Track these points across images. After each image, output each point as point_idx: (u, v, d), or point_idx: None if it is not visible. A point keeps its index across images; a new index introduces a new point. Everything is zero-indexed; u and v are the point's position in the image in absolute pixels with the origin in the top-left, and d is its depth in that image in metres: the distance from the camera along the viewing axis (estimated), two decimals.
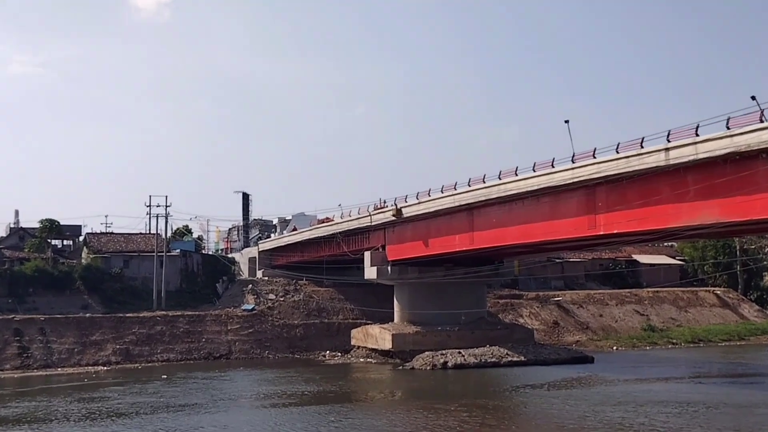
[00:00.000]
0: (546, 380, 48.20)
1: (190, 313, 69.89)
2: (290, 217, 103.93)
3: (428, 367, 55.18)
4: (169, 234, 79.29)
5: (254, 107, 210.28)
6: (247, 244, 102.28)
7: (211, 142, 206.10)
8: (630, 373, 51.44)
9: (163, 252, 74.55)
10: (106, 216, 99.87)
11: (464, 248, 52.37)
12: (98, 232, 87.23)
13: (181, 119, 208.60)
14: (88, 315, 66.66)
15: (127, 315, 67.57)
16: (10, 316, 64.09)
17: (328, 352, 67.41)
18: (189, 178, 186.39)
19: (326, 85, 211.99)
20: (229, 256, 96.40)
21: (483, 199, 48.18)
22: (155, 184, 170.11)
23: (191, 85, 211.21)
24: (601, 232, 40.07)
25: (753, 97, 31.02)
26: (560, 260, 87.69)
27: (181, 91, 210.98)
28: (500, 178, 46.94)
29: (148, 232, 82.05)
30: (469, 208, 50.67)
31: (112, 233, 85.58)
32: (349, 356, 64.90)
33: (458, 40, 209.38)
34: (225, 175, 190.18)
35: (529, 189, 43.93)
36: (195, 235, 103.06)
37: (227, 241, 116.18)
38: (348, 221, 66.08)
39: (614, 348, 69.05)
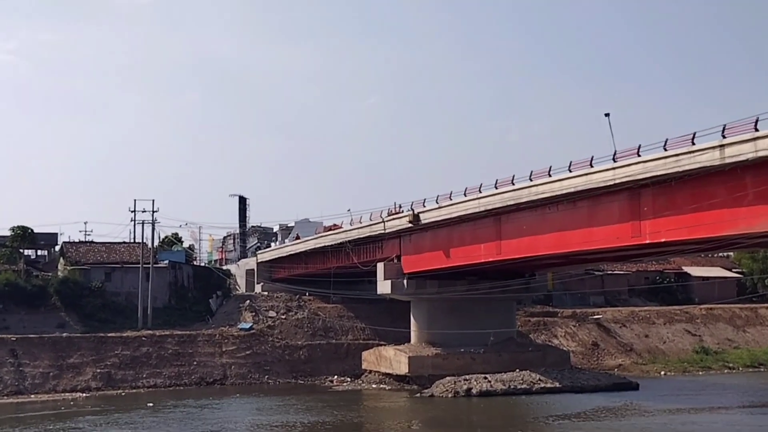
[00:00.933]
0: (583, 409, 47.98)
1: (180, 332, 70.06)
2: (293, 224, 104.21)
3: (450, 395, 55.04)
4: (156, 243, 79.57)
5: (251, 100, 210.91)
6: (244, 255, 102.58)
7: (203, 139, 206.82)
8: (678, 402, 51.09)
9: (149, 263, 74.84)
10: (85, 223, 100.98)
11: (490, 259, 52.31)
12: (76, 240, 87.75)
13: (168, 113, 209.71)
14: (65, 335, 66.95)
15: (109, 335, 67.80)
16: None
17: (335, 377, 67.39)
18: (179, 180, 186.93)
19: (333, 74, 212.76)
20: (224, 268, 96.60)
21: (512, 203, 48.13)
22: (140, 186, 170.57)
23: (179, 76, 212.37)
24: (647, 241, 39.87)
25: None
26: (600, 273, 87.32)
27: (168, 82, 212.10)
28: (531, 180, 46.90)
29: (132, 240, 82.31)
30: (497, 214, 50.63)
31: (92, 242, 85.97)
32: (360, 382, 64.87)
33: (485, 22, 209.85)
34: (219, 177, 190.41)
35: (565, 192, 43.80)
36: (185, 245, 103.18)
37: (222, 251, 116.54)
38: (358, 228, 66.12)
39: (662, 373, 68.64)
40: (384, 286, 62.61)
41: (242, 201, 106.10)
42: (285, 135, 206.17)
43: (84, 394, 60.13)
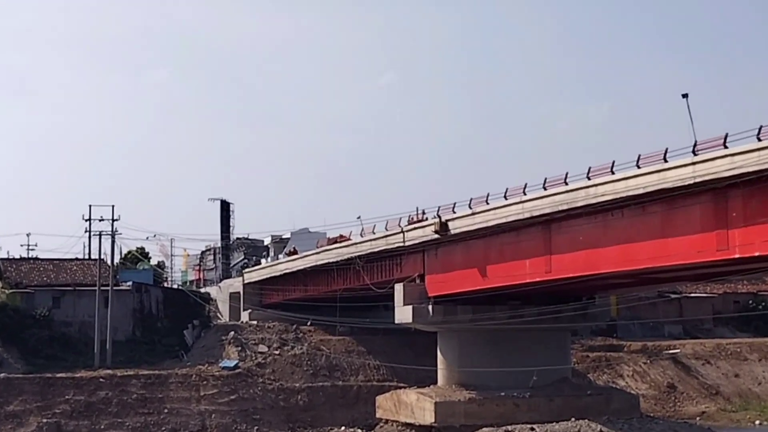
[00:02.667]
0: None
1: (146, 372, 70.19)
2: (288, 236, 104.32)
3: None
4: (117, 260, 79.97)
5: (233, 80, 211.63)
6: (227, 274, 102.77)
7: (174, 128, 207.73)
8: None
9: (108, 285, 75.07)
10: (28, 234, 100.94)
11: (538, 279, 52.19)
12: (17, 257, 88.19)
13: (129, 95, 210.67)
14: (2, 375, 67.20)
15: (58, 375, 67.92)
16: None
17: (343, 427, 67.41)
18: (145, 181, 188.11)
19: (337, 46, 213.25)
20: (203, 290, 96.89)
21: (565, 207, 48.04)
22: (97, 189, 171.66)
23: (141, 48, 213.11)
24: (736, 255, 39.60)
25: None
26: (677, 296, 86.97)
27: (129, 57, 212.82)
28: (589, 178, 46.80)
29: (87, 257, 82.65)
30: (546, 222, 50.53)
31: (36, 259, 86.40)
32: None
33: None
34: (195, 177, 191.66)
35: (632, 193, 43.63)
36: (154, 262, 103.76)
37: (199, 270, 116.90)
38: (371, 240, 66.17)
39: (756, 423, 68.26)
40: (404, 313, 62.51)
41: (224, 207, 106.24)
42: (277, 124, 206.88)
43: None
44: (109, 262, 77.62)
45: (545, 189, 49.89)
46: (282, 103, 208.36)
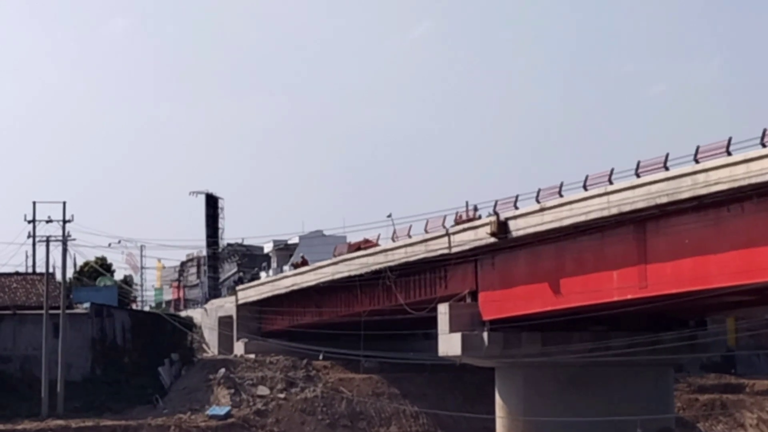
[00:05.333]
0: None
1: (110, 422, 70.47)
2: (296, 240, 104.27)
3: None
4: (70, 274, 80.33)
5: (221, 35, 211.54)
6: (215, 293, 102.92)
7: (143, 101, 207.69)
8: None
9: (59, 308, 75.30)
10: None
11: (630, 296, 52.15)
12: None
13: (80, 56, 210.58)
14: None
15: None
16: None
17: None
18: (105, 170, 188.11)
19: None
20: (183, 314, 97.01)
21: (665, 201, 47.79)
22: (43, 180, 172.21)
23: None
24: None
25: None
26: None
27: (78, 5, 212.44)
28: (697, 161, 46.53)
29: (31, 270, 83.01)
30: (639, 220, 50.46)
31: None
32: None
33: None
34: (172, 164, 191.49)
35: (756, 180, 43.34)
36: (118, 276, 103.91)
37: (178, 287, 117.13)
38: (406, 246, 66.14)
39: None
40: (450, 344, 62.36)
41: (211, 203, 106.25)
42: (280, 94, 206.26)
43: None
44: (59, 277, 77.91)
45: (638, 176, 49.60)
46: (286, 65, 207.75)
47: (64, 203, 75.98)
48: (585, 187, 52.71)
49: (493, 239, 57.75)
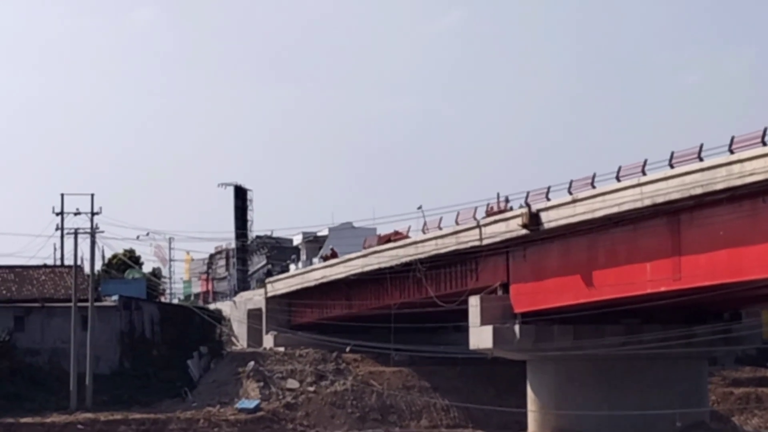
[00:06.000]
0: None
1: (139, 416, 70.46)
2: (325, 233, 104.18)
3: None
4: (98, 266, 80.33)
5: (249, 25, 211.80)
6: (244, 285, 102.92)
7: (172, 93, 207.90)
8: None
9: (87, 300, 75.38)
10: None
11: (663, 289, 52.01)
12: None
13: (108, 46, 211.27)
14: None
15: (23, 421, 68.50)
16: None
17: None
18: (133, 162, 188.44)
19: None
20: (212, 306, 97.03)
21: (699, 192, 47.64)
22: (71, 172, 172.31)
23: None
24: None
25: None
26: None
27: None
28: (732, 152, 46.35)
29: (59, 262, 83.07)
30: (673, 211, 50.32)
31: None
32: None
33: None
34: (201, 156, 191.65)
35: None
36: (147, 269, 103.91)
37: (207, 280, 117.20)
38: (437, 238, 66.04)
39: None
40: (481, 337, 62.23)
41: (240, 195, 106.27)
42: (308, 83, 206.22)
43: None
44: (88, 269, 77.98)
45: (672, 167, 49.49)
46: (314, 55, 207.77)
47: (93, 195, 76.15)
48: (618, 178, 52.67)
49: (524, 231, 57.69)
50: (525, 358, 63.83)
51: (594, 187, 54.21)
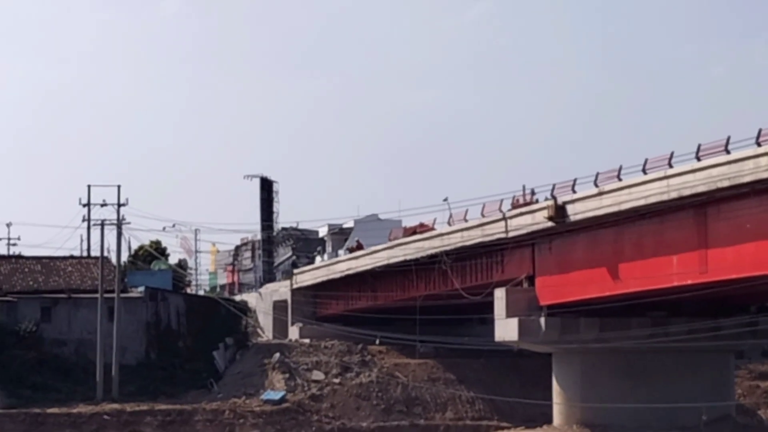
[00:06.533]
0: None
1: (165, 407, 70.63)
2: (351, 225, 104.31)
3: None
4: (125, 258, 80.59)
5: (273, 17, 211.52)
6: (270, 276, 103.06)
7: (197, 84, 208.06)
8: None
9: (114, 291, 75.66)
10: (8, 225, 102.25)
11: (690, 282, 51.86)
12: None
13: (134, 39, 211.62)
14: None
15: (50, 411, 68.59)
16: None
17: None
18: (159, 154, 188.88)
19: None
20: (238, 298, 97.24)
21: (726, 185, 47.43)
22: (97, 164, 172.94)
23: None
24: None
25: None
26: None
27: None
28: (759, 144, 46.19)
29: (85, 253, 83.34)
30: (699, 204, 50.13)
31: (19, 256, 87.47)
32: None
33: None
34: (227, 148, 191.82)
35: None
36: (173, 260, 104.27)
37: (233, 271, 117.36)
38: (462, 230, 66.07)
39: None
40: (506, 329, 62.26)
41: (266, 186, 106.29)
42: (334, 75, 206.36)
43: None
44: (114, 260, 78.24)
45: (698, 159, 49.31)
46: (339, 47, 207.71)
47: (119, 187, 76.22)
48: (644, 171, 52.52)
49: (550, 223, 57.66)
50: (550, 350, 63.91)
51: (620, 179, 54.07)
